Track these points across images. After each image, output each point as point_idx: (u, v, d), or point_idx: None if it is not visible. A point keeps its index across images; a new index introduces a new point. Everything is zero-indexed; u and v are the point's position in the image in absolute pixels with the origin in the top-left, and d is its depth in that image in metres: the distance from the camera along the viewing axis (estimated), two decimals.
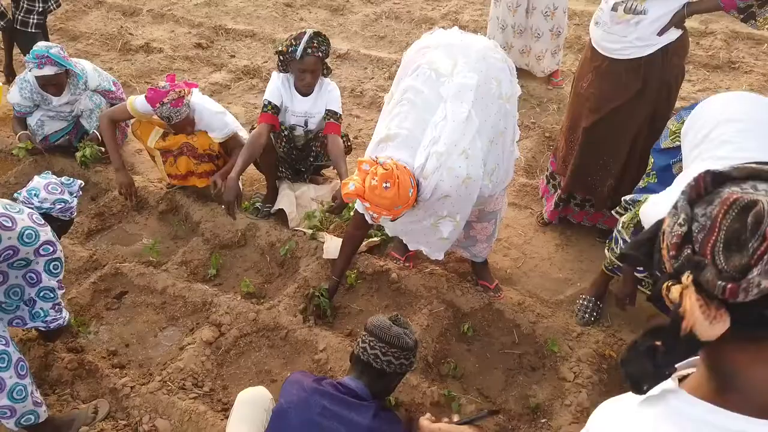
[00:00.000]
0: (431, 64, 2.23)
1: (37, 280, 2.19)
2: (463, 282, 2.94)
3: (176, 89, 3.08)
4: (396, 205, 2.07)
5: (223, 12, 5.89)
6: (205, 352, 2.62)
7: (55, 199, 2.32)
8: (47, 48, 3.39)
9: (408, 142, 2.18)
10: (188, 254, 3.16)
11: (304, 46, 2.94)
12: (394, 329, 1.96)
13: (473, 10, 5.69)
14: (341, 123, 3.22)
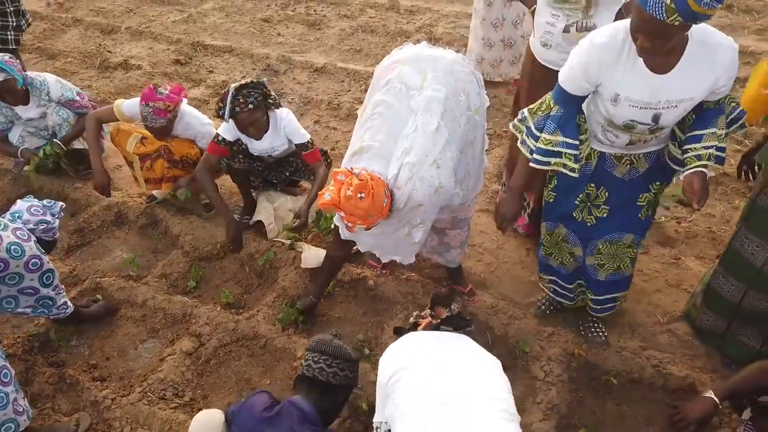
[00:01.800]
0: (401, 78, 2.32)
1: (34, 293, 2.38)
2: (438, 287, 3.02)
3: (167, 101, 3.17)
4: (370, 214, 2.15)
5: (201, 28, 5.96)
6: (185, 362, 2.66)
7: (38, 221, 2.46)
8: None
9: (381, 154, 2.27)
10: (168, 267, 3.20)
11: (230, 107, 2.90)
12: (336, 342, 2.06)
13: (446, 23, 5.82)
14: (315, 146, 3.21)
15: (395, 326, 2.22)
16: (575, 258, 2.63)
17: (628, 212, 2.41)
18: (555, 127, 2.19)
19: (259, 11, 6.25)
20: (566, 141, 2.19)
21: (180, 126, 3.40)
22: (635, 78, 2.01)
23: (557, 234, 2.61)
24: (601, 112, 2.19)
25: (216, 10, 6.31)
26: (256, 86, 2.95)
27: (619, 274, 2.58)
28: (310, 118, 4.52)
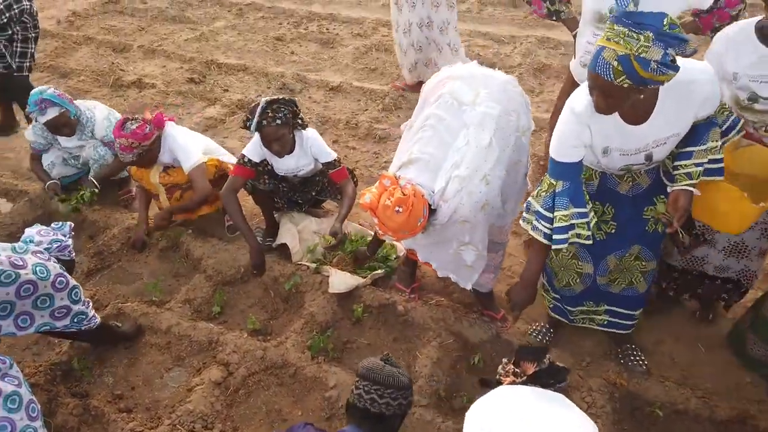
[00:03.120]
0: (453, 93, 2.32)
1: (67, 311, 2.34)
2: (470, 313, 2.96)
3: (131, 138, 3.08)
4: (402, 230, 2.15)
5: (214, 47, 5.94)
6: (214, 392, 2.58)
7: (51, 240, 2.44)
8: (40, 92, 3.37)
9: (429, 166, 2.25)
10: (191, 292, 3.13)
11: (257, 119, 2.85)
12: (387, 369, 1.90)
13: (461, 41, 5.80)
14: (341, 165, 3.16)
15: (481, 378, 2.14)
16: (582, 278, 2.57)
17: (634, 226, 2.41)
18: (568, 201, 2.15)
19: (271, 30, 6.24)
20: (577, 212, 2.16)
21: (166, 155, 3.29)
22: (618, 132, 2.01)
23: (566, 253, 2.55)
24: (592, 162, 2.20)
25: (228, 29, 6.29)
26: (287, 103, 2.93)
27: (633, 289, 2.55)
28: (328, 138, 4.47)
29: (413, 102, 4.80)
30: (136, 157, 3.14)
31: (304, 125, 3.07)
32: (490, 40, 5.78)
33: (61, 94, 3.45)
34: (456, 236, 2.32)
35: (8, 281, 2.13)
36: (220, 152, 3.48)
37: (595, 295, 2.63)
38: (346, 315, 3.01)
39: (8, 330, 2.20)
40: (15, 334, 2.23)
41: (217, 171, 3.35)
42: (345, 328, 2.96)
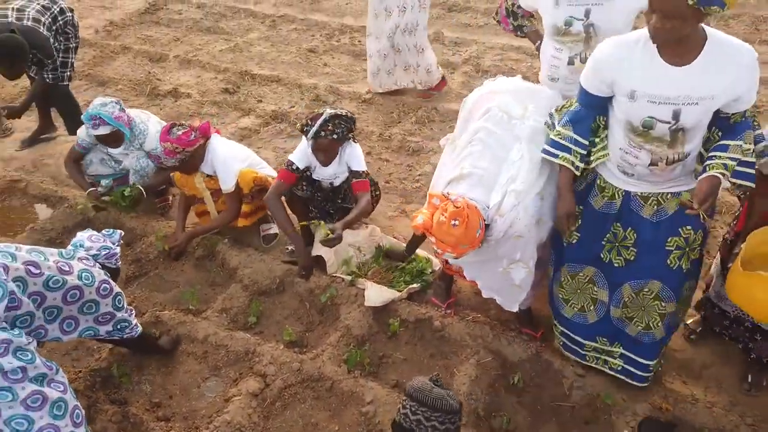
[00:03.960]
0: (502, 107, 2.31)
1: (111, 317, 2.36)
2: (508, 331, 2.91)
3: (176, 143, 3.11)
4: (462, 243, 2.11)
5: (248, 57, 6.01)
6: (251, 404, 2.57)
7: (100, 246, 2.47)
8: (102, 106, 3.40)
9: (482, 181, 2.23)
10: (227, 301, 3.14)
11: (317, 129, 2.96)
12: (436, 391, 1.86)
13: (493, 55, 5.81)
14: (367, 178, 3.22)
15: None
16: (597, 306, 2.49)
17: (655, 257, 2.30)
18: (567, 120, 2.23)
19: (304, 41, 6.30)
20: (576, 138, 2.21)
21: (208, 166, 3.33)
22: (652, 72, 1.99)
23: (582, 276, 2.48)
24: (619, 119, 2.14)
25: (261, 40, 6.36)
26: (347, 120, 3.04)
27: (650, 335, 2.42)
28: (362, 150, 4.47)
29: (447, 115, 4.83)
30: (179, 162, 3.18)
31: (355, 140, 3.16)
32: (523, 54, 5.76)
33: (118, 117, 3.43)
34: (508, 253, 2.29)
35: (56, 287, 2.16)
36: (260, 165, 3.50)
37: (609, 331, 2.52)
38: (382, 329, 2.99)
39: (54, 335, 2.22)
40: (60, 339, 2.25)
41: (255, 184, 3.36)
42: (381, 342, 2.94)
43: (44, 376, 1.99)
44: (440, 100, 5.07)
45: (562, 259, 2.50)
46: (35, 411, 1.95)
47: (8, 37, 3.51)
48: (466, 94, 4.99)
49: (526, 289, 2.48)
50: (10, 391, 1.89)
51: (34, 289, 2.07)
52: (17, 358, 1.91)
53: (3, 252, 2.04)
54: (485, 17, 6.63)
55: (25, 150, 4.52)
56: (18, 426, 1.93)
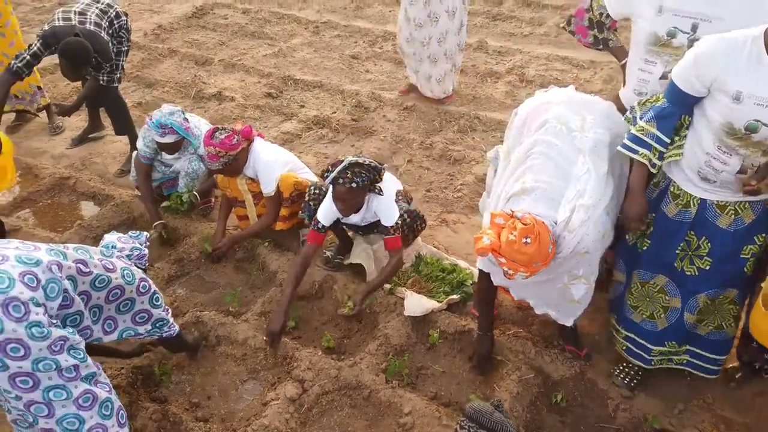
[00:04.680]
0: (559, 118, 2.25)
1: (148, 316, 2.37)
2: (550, 347, 2.84)
3: (219, 147, 3.13)
4: (535, 261, 2.02)
5: (291, 63, 6.07)
6: (288, 409, 2.56)
7: (131, 247, 2.47)
8: (170, 115, 3.44)
9: (548, 195, 2.16)
10: (267, 305, 3.14)
11: (335, 176, 2.83)
12: (497, 416, 1.84)
13: (538, 65, 5.73)
14: (397, 233, 3.02)
15: None
16: (668, 313, 2.43)
17: (732, 266, 2.27)
18: (653, 116, 2.20)
19: (347, 48, 6.33)
20: (658, 135, 2.18)
21: (250, 169, 3.35)
22: (761, 73, 1.92)
23: (652, 285, 2.44)
24: (712, 121, 2.07)
25: (305, 46, 6.42)
26: (369, 169, 2.87)
27: (722, 334, 2.41)
28: (402, 157, 4.46)
29: (489, 124, 4.78)
30: (222, 165, 3.21)
31: (379, 191, 2.99)
32: (569, 64, 5.67)
33: (188, 128, 3.50)
34: (570, 269, 2.22)
35: (101, 286, 2.17)
36: (302, 169, 3.51)
37: (680, 336, 2.48)
38: (420, 339, 2.95)
39: (97, 335, 2.23)
40: (101, 340, 2.26)
41: (295, 189, 3.37)
42: (419, 352, 2.91)
43: (93, 375, 2.02)
44: (483, 109, 5.02)
45: (633, 266, 2.47)
46: (86, 410, 1.97)
47: (76, 41, 3.61)
48: (509, 104, 5.06)
49: (584, 305, 2.41)
50: (64, 389, 1.92)
51: (82, 288, 2.10)
52: (71, 355, 1.94)
53: (55, 251, 2.07)
54: (530, 26, 6.56)
55: (74, 148, 4.65)
56: (69, 426, 1.95)
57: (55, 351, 1.90)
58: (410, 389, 2.69)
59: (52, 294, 1.94)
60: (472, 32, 6.53)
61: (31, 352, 1.84)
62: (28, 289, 1.87)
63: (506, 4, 7.18)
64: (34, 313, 1.85)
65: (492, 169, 2.89)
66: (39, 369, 1.87)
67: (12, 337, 1.80)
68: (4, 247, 1.98)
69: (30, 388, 1.88)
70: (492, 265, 2.30)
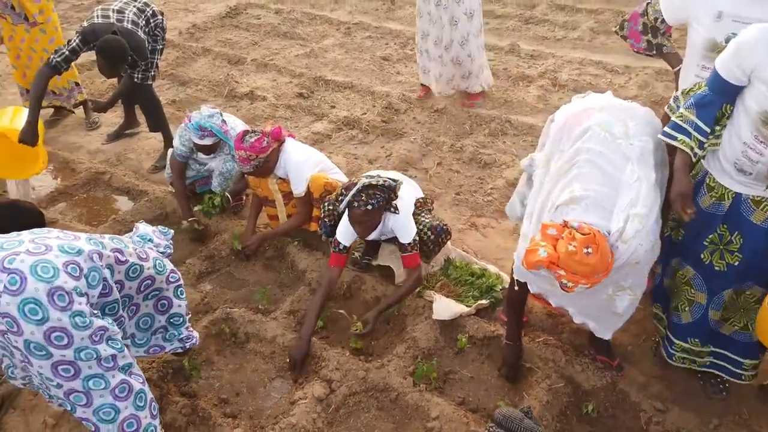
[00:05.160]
0: (602, 125, 2.22)
1: (168, 306, 2.36)
2: (581, 356, 2.80)
3: (249, 151, 3.15)
4: (597, 272, 1.97)
5: (322, 63, 6.10)
6: (315, 408, 2.57)
7: (166, 244, 2.50)
8: (209, 117, 3.48)
9: (599, 204, 2.12)
10: (296, 303, 3.16)
11: (349, 199, 2.80)
12: (527, 422, 1.82)
13: (571, 69, 5.65)
14: (415, 250, 2.98)
15: None
16: (693, 307, 2.40)
17: (762, 264, 2.24)
18: (692, 104, 2.19)
19: (378, 49, 6.34)
20: (697, 123, 2.16)
21: (281, 169, 3.37)
22: None
23: (681, 275, 2.43)
24: (750, 110, 2.05)
25: (336, 47, 6.45)
26: (383, 189, 2.83)
27: (747, 335, 2.37)
28: (432, 160, 4.45)
29: (521, 128, 4.73)
30: (253, 168, 3.23)
31: (396, 211, 2.94)
32: (603, 69, 5.59)
33: (226, 131, 3.54)
34: (617, 280, 2.17)
35: (135, 275, 2.21)
36: (333, 170, 3.52)
37: (703, 333, 2.45)
38: (449, 344, 2.93)
39: (127, 324, 2.27)
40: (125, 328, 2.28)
41: (326, 189, 3.38)
42: (447, 357, 2.89)
43: (129, 366, 2.05)
44: (514, 113, 4.97)
45: (670, 255, 2.47)
46: (122, 401, 2.01)
47: (114, 39, 3.68)
48: (541, 108, 5.00)
49: (626, 318, 2.36)
50: (103, 378, 1.96)
51: (117, 277, 2.13)
52: (110, 345, 1.98)
53: (94, 240, 2.11)
54: (563, 30, 6.48)
55: (110, 143, 4.74)
56: (105, 416, 1.99)
57: (96, 341, 1.94)
58: (438, 393, 2.68)
59: (93, 282, 1.98)
60: (504, 35, 6.50)
61: (74, 341, 1.88)
62: (71, 279, 1.90)
63: (539, 7, 7.11)
64: (78, 303, 1.89)
65: (525, 176, 2.85)
66: (80, 358, 1.91)
67: (57, 326, 1.84)
68: (45, 237, 2.02)
69: (71, 377, 1.92)
70: (529, 274, 2.26)
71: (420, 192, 3.35)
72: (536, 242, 2.05)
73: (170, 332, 2.47)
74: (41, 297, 1.84)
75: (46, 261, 1.89)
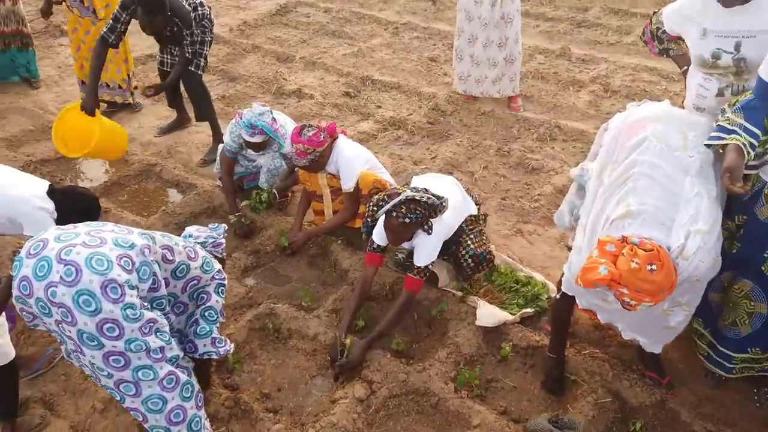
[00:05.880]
0: (659, 137, 2.15)
1: (206, 299, 2.35)
2: (629, 371, 2.71)
3: (307, 144, 3.18)
4: (662, 289, 1.91)
5: (370, 63, 6.10)
6: (356, 409, 2.57)
7: (206, 236, 2.54)
8: (260, 116, 3.53)
9: (657, 219, 2.06)
10: (338, 302, 3.17)
11: (389, 208, 2.77)
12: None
13: (624, 75, 5.51)
14: (424, 277, 2.90)
15: None
16: (752, 319, 2.32)
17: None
18: (739, 107, 2.13)
19: (426, 50, 6.31)
20: (746, 125, 2.09)
21: (333, 165, 3.39)
22: None
23: (737, 289, 2.34)
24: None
25: (383, 47, 6.45)
26: (425, 207, 2.77)
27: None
28: (478, 163, 4.40)
29: (570, 134, 4.64)
30: (309, 162, 3.26)
31: (428, 231, 2.86)
32: (657, 76, 5.43)
33: (277, 129, 3.58)
34: (674, 296, 2.10)
35: (181, 275, 2.23)
36: (381, 169, 3.52)
37: (764, 342, 2.38)
38: (491, 351, 2.89)
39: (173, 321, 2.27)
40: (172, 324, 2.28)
41: (374, 186, 3.38)
42: (490, 364, 2.85)
43: (177, 358, 2.09)
44: (564, 118, 4.88)
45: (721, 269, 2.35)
46: (169, 392, 2.04)
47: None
48: (592, 114, 4.90)
49: (678, 331, 2.28)
50: (151, 369, 2.00)
51: (163, 275, 2.15)
52: (158, 337, 2.01)
53: (145, 235, 2.14)
54: (617, 35, 6.32)
55: (161, 137, 4.86)
56: (153, 406, 2.03)
57: (145, 333, 1.98)
58: (479, 401, 2.64)
59: (144, 276, 2.02)
60: (554, 38, 6.38)
61: (125, 332, 1.92)
62: (124, 272, 1.94)
63: (592, 10, 6.96)
64: (129, 295, 1.93)
65: (575, 185, 2.79)
66: (131, 349, 1.95)
67: (109, 318, 1.89)
68: (100, 230, 2.07)
69: (122, 367, 1.96)
70: (579, 288, 2.20)
71: (473, 207, 3.26)
72: (594, 259, 1.98)
73: (201, 326, 2.35)
74: (95, 289, 1.88)
75: (100, 254, 1.94)
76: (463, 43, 4.89)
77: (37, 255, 1.93)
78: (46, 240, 1.98)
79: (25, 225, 2.74)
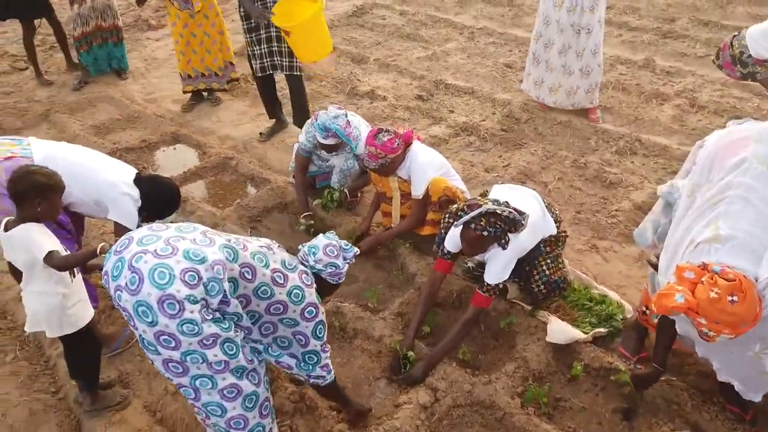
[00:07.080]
0: (759, 158, 2.01)
1: (305, 342, 2.24)
2: (709, 403, 2.56)
3: (380, 149, 3.19)
4: (744, 322, 1.81)
5: (443, 67, 6.07)
6: (420, 415, 2.55)
7: (329, 262, 2.30)
8: (334, 119, 3.56)
9: (747, 246, 1.94)
10: (404, 306, 3.15)
11: (469, 218, 2.69)
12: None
13: (712, 90, 5.23)
14: (491, 296, 2.84)
15: None
16: None
17: None
18: None
19: (501, 56, 6.21)
20: None
21: (404, 170, 3.38)
22: None
23: None
24: None
25: (458, 51, 6.40)
26: (505, 222, 2.68)
27: None
28: (552, 174, 4.28)
29: (652, 149, 4.45)
30: (379, 166, 3.27)
31: (504, 246, 2.78)
32: (749, 92, 5.11)
33: (350, 133, 3.61)
34: (765, 335, 1.97)
35: (264, 296, 2.10)
36: (454, 176, 3.49)
37: None
38: (561, 369, 2.81)
39: (255, 336, 2.21)
40: (261, 342, 2.25)
41: (444, 194, 3.34)
42: (559, 383, 2.76)
43: (243, 369, 2.05)
44: (646, 132, 4.68)
45: None
46: (230, 401, 2.02)
47: None
48: (676, 129, 4.68)
49: None
50: (211, 379, 1.98)
51: (243, 292, 2.06)
52: (223, 351, 1.96)
53: (229, 248, 2.02)
54: (705, 47, 6.01)
55: (264, 142, 4.86)
56: (212, 412, 2.03)
57: (206, 345, 1.93)
58: (546, 419, 2.56)
59: (212, 292, 1.93)
60: (638, 49, 6.14)
61: (181, 345, 1.90)
62: (185, 287, 1.87)
63: (679, 21, 6.65)
64: (189, 311, 1.87)
65: (662, 202, 2.66)
66: (187, 360, 1.93)
67: (165, 331, 1.87)
68: (181, 237, 1.98)
69: (180, 374, 1.97)
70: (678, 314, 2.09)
71: (552, 226, 3.10)
72: (671, 286, 1.89)
73: (303, 365, 2.31)
74: (152, 302, 1.85)
75: (165, 266, 1.88)
76: (539, 48, 4.80)
77: (119, 253, 1.94)
78: (131, 239, 1.98)
79: (111, 209, 2.86)
